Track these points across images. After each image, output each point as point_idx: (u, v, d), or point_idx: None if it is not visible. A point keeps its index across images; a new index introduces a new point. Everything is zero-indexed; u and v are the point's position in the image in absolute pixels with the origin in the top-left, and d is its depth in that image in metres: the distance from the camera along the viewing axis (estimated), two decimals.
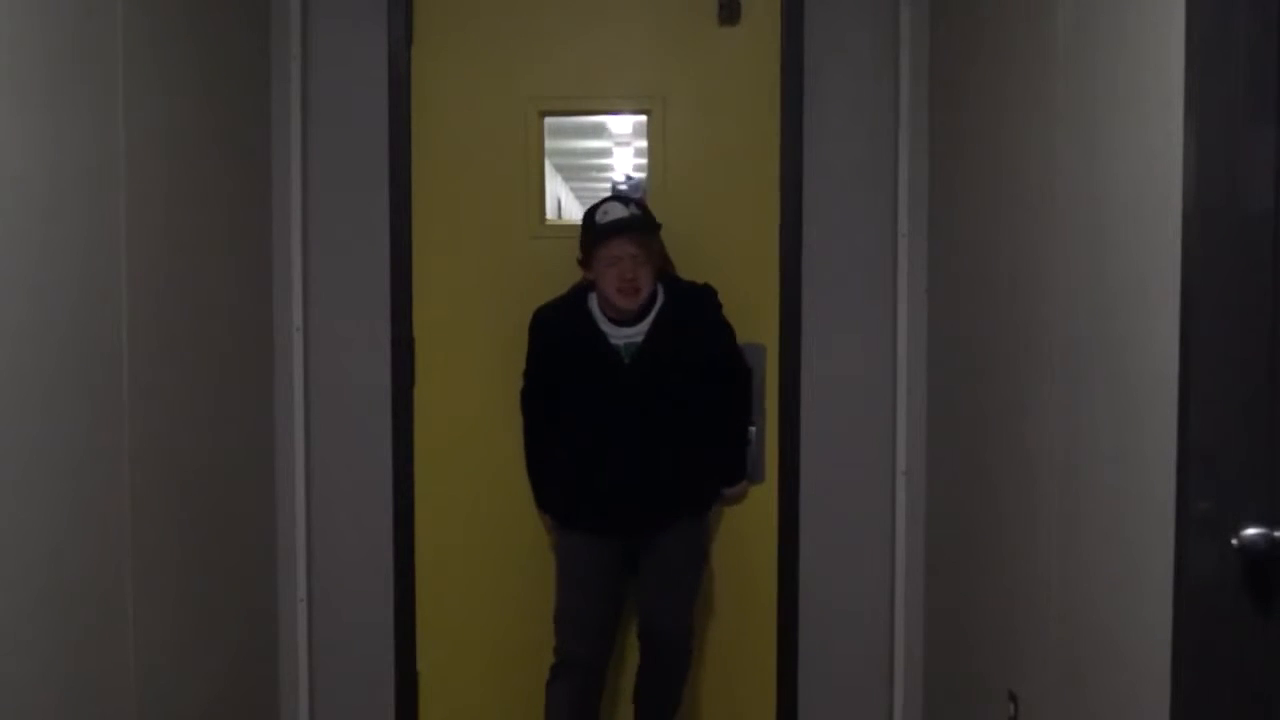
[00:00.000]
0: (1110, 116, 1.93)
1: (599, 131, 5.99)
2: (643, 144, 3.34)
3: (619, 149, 6.51)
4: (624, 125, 5.52)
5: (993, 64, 2.59)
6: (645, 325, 2.86)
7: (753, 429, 3.14)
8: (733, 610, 3.26)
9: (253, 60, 3.04)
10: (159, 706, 2.38)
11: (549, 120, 3.25)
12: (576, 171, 7.82)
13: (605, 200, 2.89)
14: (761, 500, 3.22)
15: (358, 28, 3.15)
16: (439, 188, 3.20)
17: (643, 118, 3.27)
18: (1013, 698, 2.41)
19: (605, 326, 2.87)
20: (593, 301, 2.90)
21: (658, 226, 2.90)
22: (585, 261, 2.87)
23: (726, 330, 3.00)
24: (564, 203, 7.92)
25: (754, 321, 3.13)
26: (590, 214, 2.86)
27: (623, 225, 2.79)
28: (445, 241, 3.20)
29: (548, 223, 3.29)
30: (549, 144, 3.28)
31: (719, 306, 2.97)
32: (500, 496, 3.22)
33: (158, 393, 2.38)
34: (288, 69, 3.12)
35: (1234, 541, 1.60)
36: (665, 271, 2.95)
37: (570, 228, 3.03)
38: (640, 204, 2.90)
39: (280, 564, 3.20)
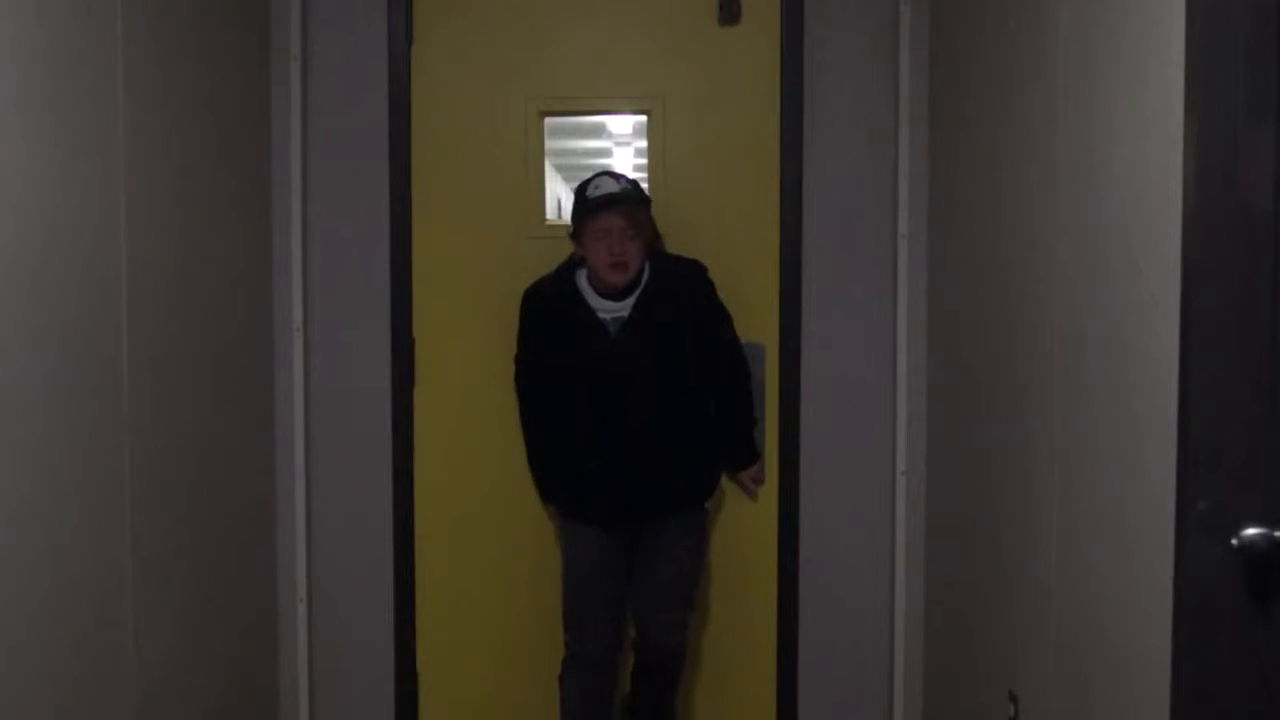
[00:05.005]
0: (1110, 116, 1.93)
1: (599, 131, 5.98)
2: (643, 144, 3.33)
3: (619, 149, 6.50)
4: (624, 125, 5.51)
5: (993, 64, 2.59)
6: (631, 300, 2.87)
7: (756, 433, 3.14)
8: (732, 610, 3.26)
9: (252, 60, 3.04)
10: (159, 707, 2.38)
11: (549, 120, 3.25)
12: (576, 171, 7.77)
13: (597, 175, 2.91)
14: (762, 500, 3.22)
15: (358, 28, 3.16)
16: (439, 188, 3.20)
17: (643, 118, 3.27)
18: (1013, 698, 2.41)
19: (593, 300, 2.88)
20: (581, 276, 2.91)
21: (648, 201, 2.90)
22: (575, 235, 2.88)
23: (718, 308, 2.97)
24: (564, 203, 7.90)
25: (754, 321, 3.13)
26: (582, 188, 2.87)
27: (613, 199, 2.81)
28: (445, 242, 3.20)
29: (547, 223, 3.29)
30: (549, 144, 3.29)
31: (711, 285, 2.95)
32: (500, 496, 3.22)
33: (157, 393, 2.38)
34: (287, 69, 3.12)
35: (1234, 541, 1.59)
36: (655, 247, 2.94)
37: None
38: (631, 180, 2.90)
39: (280, 564, 3.20)
